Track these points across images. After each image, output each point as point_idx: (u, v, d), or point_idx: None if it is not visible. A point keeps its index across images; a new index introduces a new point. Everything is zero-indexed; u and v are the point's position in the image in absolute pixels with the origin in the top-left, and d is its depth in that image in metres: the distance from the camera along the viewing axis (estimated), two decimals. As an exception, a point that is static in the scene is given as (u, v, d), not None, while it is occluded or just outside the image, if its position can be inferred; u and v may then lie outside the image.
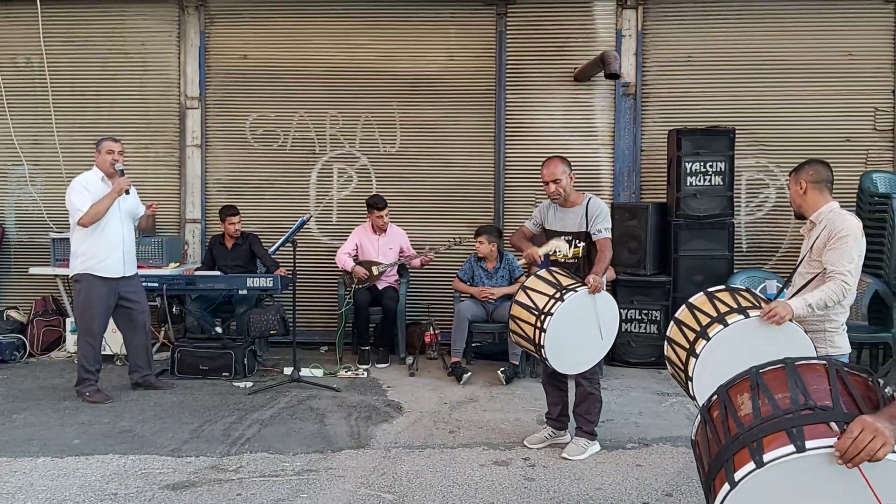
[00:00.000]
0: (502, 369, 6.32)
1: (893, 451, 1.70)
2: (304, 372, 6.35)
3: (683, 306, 3.60)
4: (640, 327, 6.86)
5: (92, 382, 5.72)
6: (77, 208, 5.56)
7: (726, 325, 3.33)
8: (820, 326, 3.47)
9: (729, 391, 2.09)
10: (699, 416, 2.18)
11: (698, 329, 3.40)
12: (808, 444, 1.77)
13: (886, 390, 1.90)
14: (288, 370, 6.35)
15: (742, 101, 7.61)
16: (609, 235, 4.57)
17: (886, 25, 7.54)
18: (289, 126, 7.90)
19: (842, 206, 3.65)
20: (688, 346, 3.42)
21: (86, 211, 5.52)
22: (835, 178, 3.71)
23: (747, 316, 3.35)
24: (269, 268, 7.02)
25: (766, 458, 1.80)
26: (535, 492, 4.08)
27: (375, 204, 7.07)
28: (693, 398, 3.36)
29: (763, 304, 3.43)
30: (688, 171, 6.92)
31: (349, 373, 6.54)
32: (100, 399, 5.65)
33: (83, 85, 7.95)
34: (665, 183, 7.37)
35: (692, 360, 3.35)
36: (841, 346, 3.49)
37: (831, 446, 1.74)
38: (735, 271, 6.94)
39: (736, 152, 7.01)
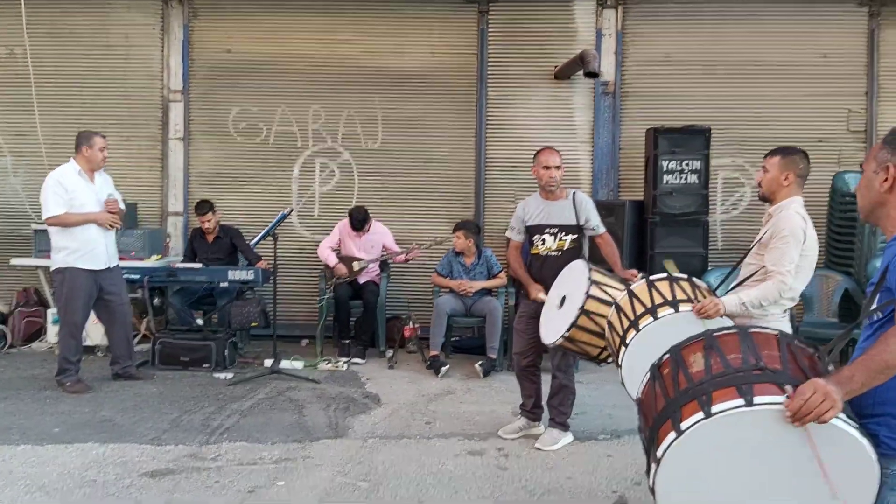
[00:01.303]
0: (480, 363, 6.42)
1: (838, 416, 1.80)
2: (285, 364, 6.41)
3: (625, 292, 3.63)
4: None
5: (73, 373, 5.77)
6: (49, 210, 5.61)
7: (656, 317, 3.37)
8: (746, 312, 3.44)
9: (682, 350, 2.15)
10: (648, 374, 2.21)
11: (631, 318, 3.45)
12: (757, 399, 1.85)
13: (829, 368, 2.01)
14: (268, 362, 6.42)
15: (719, 101, 7.74)
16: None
17: (860, 29, 7.69)
18: (271, 120, 7.95)
19: (813, 206, 3.69)
20: (621, 334, 3.48)
21: (58, 216, 5.60)
22: (808, 176, 3.76)
23: (677, 310, 3.38)
24: (250, 261, 7.07)
25: (714, 409, 1.87)
26: (507, 480, 4.18)
27: (354, 225, 7.07)
28: (623, 384, 3.40)
29: (700, 297, 3.46)
30: (664, 169, 7.03)
31: (329, 365, 6.61)
32: (80, 389, 5.69)
33: (66, 77, 7.96)
34: (643, 181, 7.49)
35: (622, 348, 3.42)
36: None
37: (779, 403, 1.83)
38: (710, 268, 7.07)
39: (712, 151, 7.12)
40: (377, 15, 7.86)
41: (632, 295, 3.55)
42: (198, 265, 6.90)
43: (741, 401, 1.86)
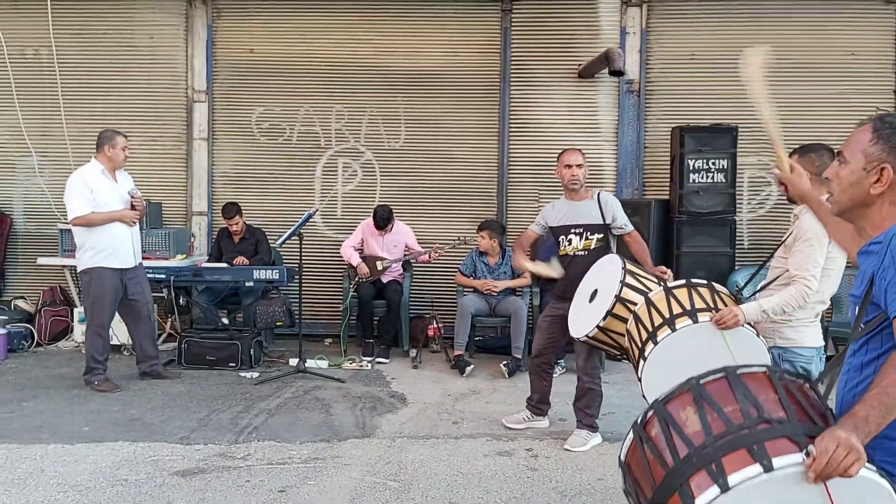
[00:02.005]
0: (505, 362, 6.40)
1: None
2: (310, 363, 6.42)
3: (643, 300, 3.55)
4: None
5: (100, 372, 5.80)
6: (74, 210, 5.63)
7: (674, 329, 3.30)
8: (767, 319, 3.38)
9: (667, 405, 1.90)
10: (631, 434, 1.97)
11: (650, 330, 3.38)
12: (776, 462, 1.66)
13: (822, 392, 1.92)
14: (293, 361, 6.43)
15: (744, 100, 7.50)
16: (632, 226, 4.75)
17: (887, 26, 7.61)
18: (294, 120, 7.97)
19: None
20: (639, 346, 3.41)
21: (83, 215, 5.61)
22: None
23: (696, 320, 3.30)
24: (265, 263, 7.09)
25: (730, 480, 1.65)
26: (537, 481, 4.16)
27: (377, 223, 7.06)
28: (644, 398, 3.34)
29: (721, 305, 3.40)
30: (691, 168, 6.98)
31: (353, 364, 6.62)
32: (108, 388, 5.73)
33: (92, 77, 8.02)
34: (667, 179, 7.44)
35: (641, 362, 3.35)
36: (794, 338, 3.37)
37: (799, 463, 1.65)
38: (736, 268, 7.01)
39: (738, 150, 7.07)
40: (400, 14, 7.86)
41: (650, 304, 3.49)
42: (223, 265, 6.92)
43: (758, 467, 1.65)
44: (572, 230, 4.74)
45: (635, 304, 3.76)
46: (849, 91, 7.61)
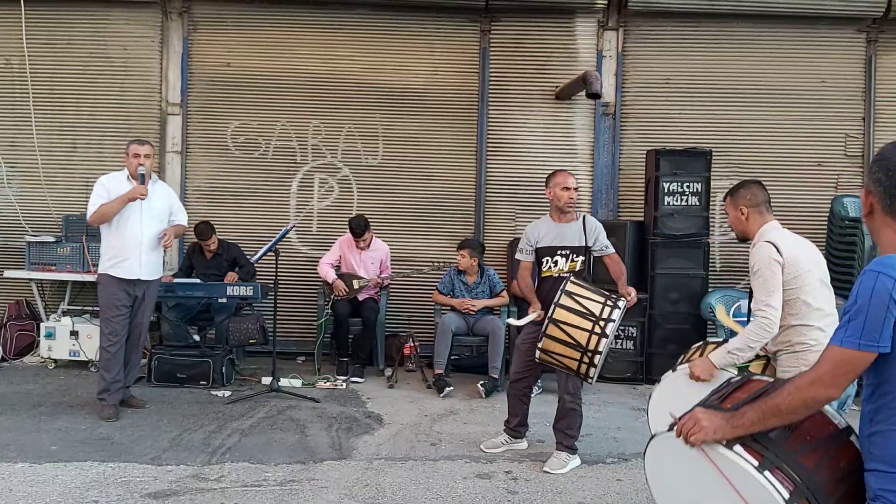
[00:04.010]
0: (482, 382, 6.37)
1: (723, 444, 2.03)
2: (283, 382, 6.33)
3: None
4: (616, 343, 6.94)
5: (112, 392, 5.48)
6: (89, 207, 5.46)
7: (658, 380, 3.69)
8: (789, 349, 3.39)
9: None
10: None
11: None
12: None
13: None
14: (266, 380, 6.33)
15: (717, 124, 7.80)
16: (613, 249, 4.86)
17: (858, 54, 7.79)
18: (270, 135, 7.90)
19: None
20: None
21: (95, 211, 5.41)
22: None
23: (674, 370, 3.55)
24: (244, 277, 6.97)
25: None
26: (518, 505, 4.13)
27: (353, 231, 6.99)
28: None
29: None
30: (665, 190, 7.06)
31: (328, 384, 6.54)
32: (106, 416, 5.40)
33: (64, 88, 7.87)
34: (642, 201, 7.51)
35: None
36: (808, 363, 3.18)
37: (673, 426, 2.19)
38: (710, 290, 7.08)
39: (712, 174, 7.16)
40: (379, 31, 7.86)
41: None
42: (195, 280, 6.81)
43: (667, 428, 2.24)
44: (559, 252, 4.75)
45: (572, 325, 4.17)
46: (819, 117, 7.78)
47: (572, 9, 7.76)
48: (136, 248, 5.47)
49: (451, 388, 6.37)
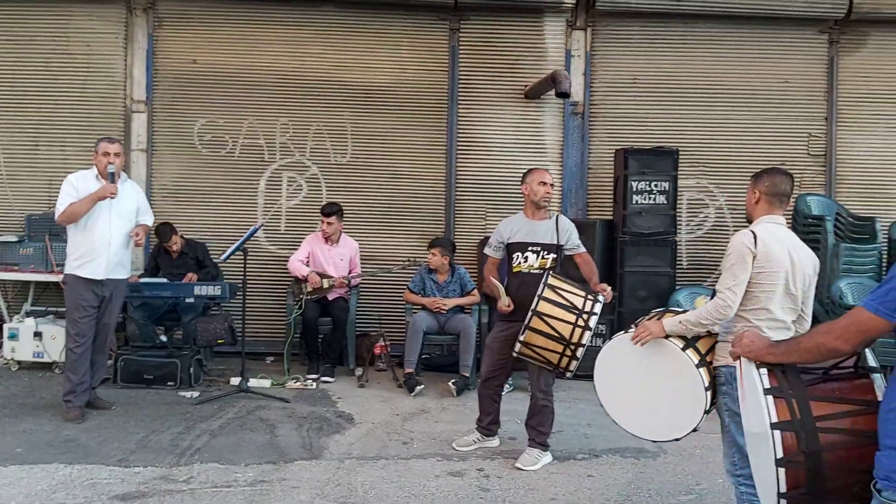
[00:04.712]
0: (453, 381, 6.36)
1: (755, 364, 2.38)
2: (252, 382, 6.26)
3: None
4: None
5: (78, 394, 5.37)
6: (57, 210, 5.34)
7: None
8: (723, 337, 3.41)
9: None
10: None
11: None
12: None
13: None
14: (235, 380, 6.26)
15: (684, 123, 7.89)
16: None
17: (820, 55, 7.93)
18: (238, 133, 7.81)
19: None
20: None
21: (64, 210, 5.29)
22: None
23: (626, 330, 3.64)
24: (211, 277, 6.90)
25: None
26: (490, 502, 4.14)
27: (323, 209, 7.03)
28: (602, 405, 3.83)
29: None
30: (634, 189, 7.11)
31: (298, 383, 6.49)
32: (71, 417, 5.30)
33: (26, 85, 7.69)
34: (610, 200, 7.56)
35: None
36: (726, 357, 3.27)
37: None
38: (677, 287, 7.15)
39: (679, 172, 7.23)
40: (348, 29, 7.81)
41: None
42: (163, 280, 6.71)
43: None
44: (530, 248, 4.77)
45: (556, 318, 4.27)
46: (783, 117, 7.90)
47: (541, 8, 7.78)
48: (105, 248, 5.37)
49: (422, 386, 6.36)
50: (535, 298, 4.31)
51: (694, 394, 3.35)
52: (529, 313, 4.31)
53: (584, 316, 4.28)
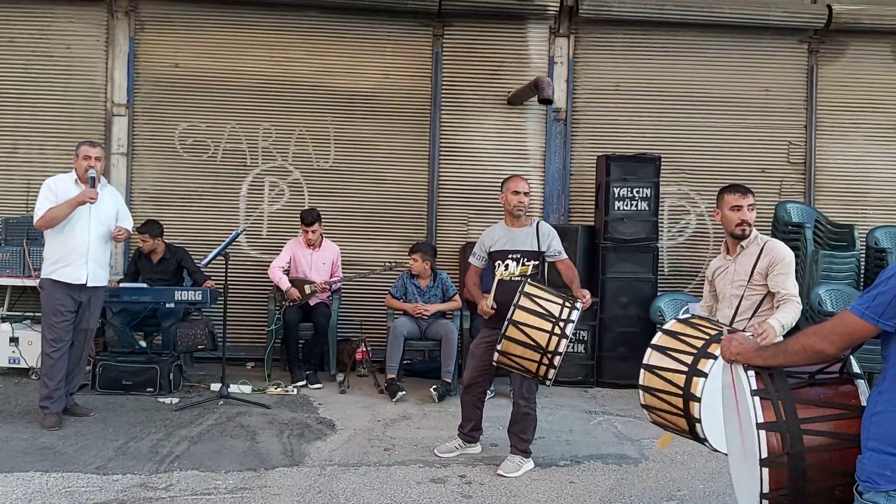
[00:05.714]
0: (435, 387, 6.35)
1: (743, 367, 2.42)
2: (233, 388, 6.22)
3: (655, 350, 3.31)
4: (567, 347, 6.99)
5: (55, 400, 5.30)
6: (36, 215, 5.26)
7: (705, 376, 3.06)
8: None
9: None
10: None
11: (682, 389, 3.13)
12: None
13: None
14: (215, 386, 6.21)
15: (665, 131, 7.94)
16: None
17: (800, 64, 8.02)
18: (220, 137, 7.77)
19: (760, 234, 3.93)
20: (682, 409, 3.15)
21: (43, 215, 5.22)
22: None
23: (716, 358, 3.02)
24: (198, 282, 6.86)
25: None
26: (472, 509, 4.12)
27: (304, 218, 6.99)
28: (704, 440, 3.12)
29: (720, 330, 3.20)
30: (616, 195, 7.15)
31: (278, 389, 6.45)
32: (49, 424, 5.23)
33: (4, 88, 7.62)
34: (592, 206, 7.59)
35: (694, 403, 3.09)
36: None
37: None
38: (659, 293, 7.19)
39: (661, 179, 7.28)
40: (331, 34, 7.80)
41: (661, 350, 3.27)
42: (143, 285, 6.65)
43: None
44: (510, 255, 4.77)
45: (532, 326, 4.21)
46: (763, 125, 7.98)
47: (524, 15, 7.81)
48: (83, 253, 5.30)
49: (404, 392, 6.34)
50: (511, 307, 4.29)
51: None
52: (505, 322, 4.29)
53: (561, 324, 4.24)
